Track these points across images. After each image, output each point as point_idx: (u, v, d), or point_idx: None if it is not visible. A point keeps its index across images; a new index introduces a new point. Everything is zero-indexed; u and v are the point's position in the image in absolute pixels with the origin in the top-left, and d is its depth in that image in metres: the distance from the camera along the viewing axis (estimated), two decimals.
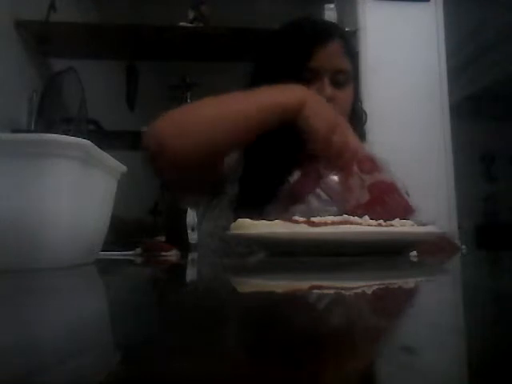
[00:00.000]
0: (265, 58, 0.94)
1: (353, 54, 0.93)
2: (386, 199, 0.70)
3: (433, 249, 0.69)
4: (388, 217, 0.65)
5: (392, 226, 0.58)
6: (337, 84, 0.87)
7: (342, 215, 0.58)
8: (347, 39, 0.93)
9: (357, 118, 0.96)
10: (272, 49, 0.93)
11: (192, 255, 0.84)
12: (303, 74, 0.85)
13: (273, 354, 0.14)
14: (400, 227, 0.58)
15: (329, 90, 0.85)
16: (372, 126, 2.14)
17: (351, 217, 0.57)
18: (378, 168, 0.72)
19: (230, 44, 2.10)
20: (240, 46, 2.06)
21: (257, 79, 0.92)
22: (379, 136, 2.05)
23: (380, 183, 0.71)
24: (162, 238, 0.98)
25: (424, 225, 0.63)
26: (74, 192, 0.42)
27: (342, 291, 0.30)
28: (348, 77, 0.89)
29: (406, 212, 0.69)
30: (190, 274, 0.51)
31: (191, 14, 2.16)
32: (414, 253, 0.61)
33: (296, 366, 0.13)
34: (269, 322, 0.19)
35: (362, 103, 1.04)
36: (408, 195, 0.73)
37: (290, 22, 0.94)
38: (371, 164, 0.73)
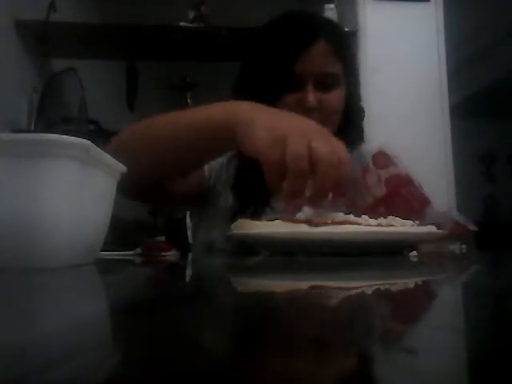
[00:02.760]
0: (249, 59, 0.90)
1: (345, 54, 0.86)
2: (402, 192, 0.70)
3: (446, 234, 0.68)
4: (406, 209, 0.66)
5: (392, 226, 0.58)
6: (324, 87, 0.82)
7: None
8: (337, 38, 0.86)
9: (354, 116, 0.92)
10: (255, 51, 0.89)
11: (192, 255, 0.84)
12: (286, 79, 0.80)
13: (273, 354, 0.14)
14: (400, 227, 0.58)
15: (312, 98, 0.80)
16: (372, 125, 2.14)
17: (351, 216, 0.57)
18: (392, 162, 0.73)
19: (229, 44, 2.10)
20: (240, 46, 2.06)
21: (242, 82, 0.89)
22: (379, 136, 2.05)
23: (396, 177, 0.72)
24: (162, 238, 0.98)
25: (442, 215, 0.64)
26: (73, 192, 0.42)
27: (342, 291, 0.30)
28: (337, 79, 0.84)
29: (422, 203, 0.70)
30: (190, 273, 0.51)
31: (191, 14, 2.16)
32: (414, 253, 0.61)
33: (296, 366, 0.13)
34: (269, 322, 0.19)
35: (360, 100, 1.00)
36: (421, 187, 0.73)
37: (274, 20, 0.88)
38: (385, 159, 0.73)
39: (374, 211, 0.69)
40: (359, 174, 0.73)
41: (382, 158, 0.73)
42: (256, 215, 0.78)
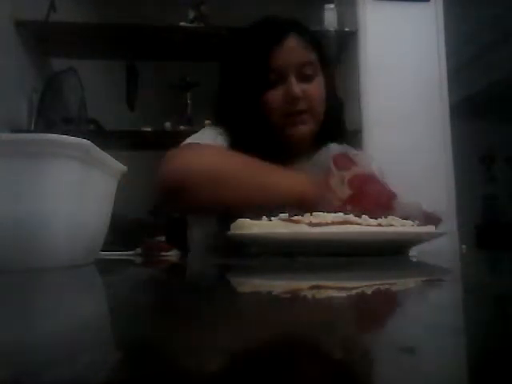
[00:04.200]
0: (230, 62, 0.94)
1: (316, 45, 0.91)
2: (367, 190, 0.71)
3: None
4: (373, 206, 0.66)
5: (392, 226, 0.58)
6: (305, 78, 0.86)
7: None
8: (305, 32, 0.91)
9: (333, 107, 0.95)
10: (235, 54, 0.93)
11: (190, 255, 0.84)
12: (268, 75, 0.85)
13: (272, 354, 0.14)
14: (400, 227, 0.58)
15: (297, 88, 0.84)
16: (372, 126, 2.14)
17: (351, 216, 0.57)
18: (353, 162, 0.73)
19: (229, 44, 2.10)
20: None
21: (225, 83, 0.93)
22: (379, 136, 2.05)
23: (358, 176, 0.72)
24: (162, 238, 0.98)
25: (410, 206, 0.64)
26: (73, 192, 0.42)
27: (342, 291, 0.30)
28: (315, 68, 0.88)
29: (388, 198, 0.70)
30: (190, 274, 0.51)
31: (191, 14, 2.16)
32: (414, 253, 0.61)
33: (295, 366, 0.13)
34: (268, 322, 0.19)
35: (337, 91, 1.02)
36: (385, 183, 0.73)
37: (250, 25, 0.93)
38: (346, 160, 0.74)
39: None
40: (324, 178, 0.74)
41: (343, 160, 0.74)
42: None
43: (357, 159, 0.74)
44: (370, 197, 0.70)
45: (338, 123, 0.96)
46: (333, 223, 0.55)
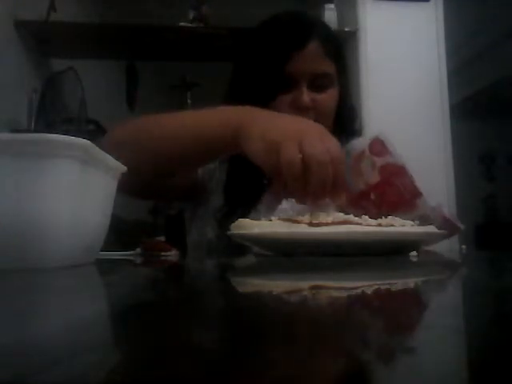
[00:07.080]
0: (243, 61, 0.91)
1: (336, 54, 0.87)
2: (395, 181, 0.71)
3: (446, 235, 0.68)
4: (397, 198, 0.66)
5: (392, 226, 0.58)
6: (317, 87, 0.83)
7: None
8: (329, 38, 0.86)
9: (347, 115, 0.92)
10: (248, 52, 0.90)
11: (188, 255, 0.84)
12: (279, 80, 0.81)
13: (272, 354, 0.14)
14: (400, 227, 0.58)
15: (306, 98, 0.81)
16: (372, 126, 2.14)
17: (351, 216, 0.57)
18: (389, 151, 0.73)
19: (229, 44, 2.10)
20: (240, 46, 2.06)
21: (235, 83, 0.90)
22: None
23: (390, 165, 0.72)
24: (162, 238, 0.98)
25: (432, 209, 0.64)
26: (73, 192, 0.42)
27: (342, 291, 0.30)
28: (330, 79, 0.84)
29: (413, 195, 0.70)
30: (190, 274, 0.51)
31: (191, 14, 2.16)
32: (414, 253, 0.61)
33: (295, 366, 0.13)
34: (268, 322, 0.19)
35: (352, 100, 0.99)
36: (414, 180, 0.73)
37: (266, 21, 0.89)
38: (382, 146, 0.73)
39: (365, 197, 0.69)
40: (353, 160, 0.73)
41: (379, 146, 0.73)
42: (244, 216, 0.79)
43: (392, 149, 0.73)
44: (396, 189, 0.70)
45: (350, 130, 0.92)
46: (333, 223, 0.55)
